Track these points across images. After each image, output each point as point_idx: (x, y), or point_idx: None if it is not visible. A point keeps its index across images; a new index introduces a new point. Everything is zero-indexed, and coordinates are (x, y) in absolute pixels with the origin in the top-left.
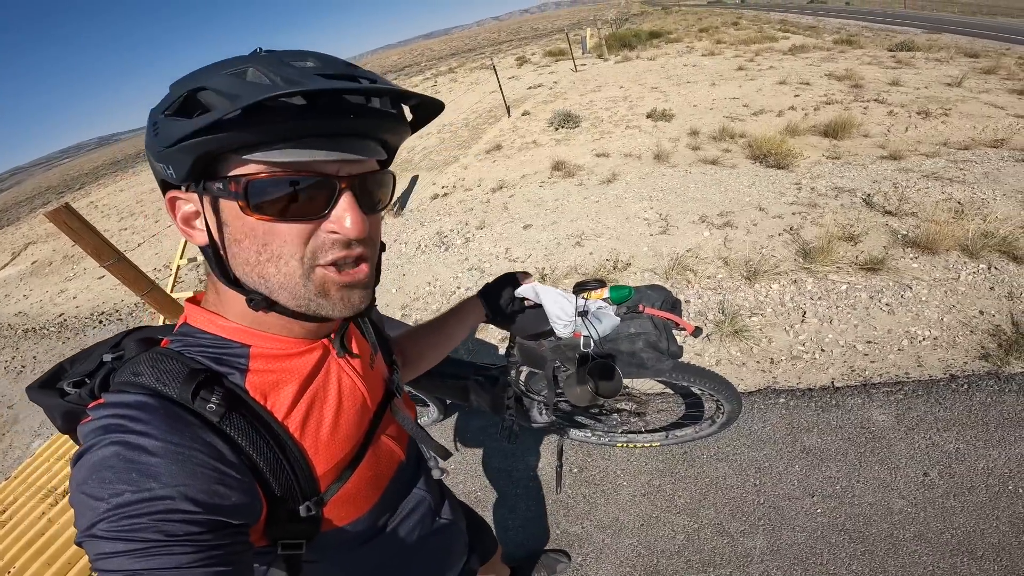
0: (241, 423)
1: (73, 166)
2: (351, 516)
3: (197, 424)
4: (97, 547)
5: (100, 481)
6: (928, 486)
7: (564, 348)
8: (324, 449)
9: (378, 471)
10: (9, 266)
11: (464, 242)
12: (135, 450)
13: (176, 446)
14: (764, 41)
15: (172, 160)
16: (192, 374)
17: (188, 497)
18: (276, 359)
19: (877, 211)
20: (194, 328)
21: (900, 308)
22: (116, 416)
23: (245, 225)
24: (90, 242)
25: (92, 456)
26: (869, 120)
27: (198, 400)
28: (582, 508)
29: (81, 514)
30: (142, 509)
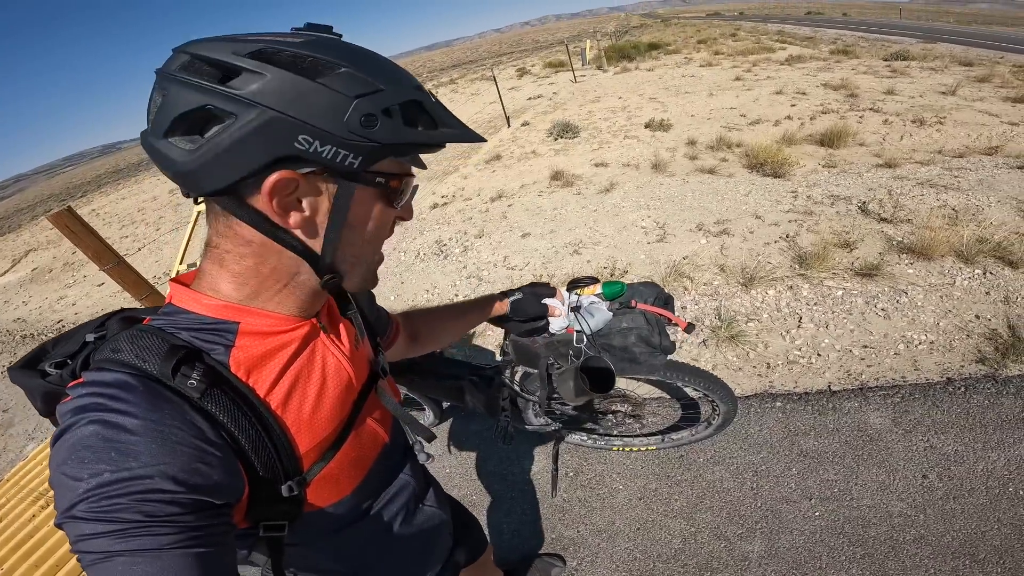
0: (223, 400)
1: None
2: (333, 497)
3: (177, 401)
4: (77, 528)
5: (79, 461)
6: (927, 488)
7: (557, 344)
8: (306, 427)
9: (361, 452)
10: (9, 273)
11: (463, 251)
12: (114, 428)
13: (156, 424)
14: (761, 52)
15: (365, 153)
16: (172, 350)
17: (169, 476)
18: (263, 336)
19: (872, 218)
20: (178, 308)
21: (896, 313)
22: (95, 395)
23: (366, 212)
24: (90, 245)
25: (71, 436)
26: (864, 129)
27: (178, 376)
28: (578, 512)
29: (61, 495)
30: (122, 489)
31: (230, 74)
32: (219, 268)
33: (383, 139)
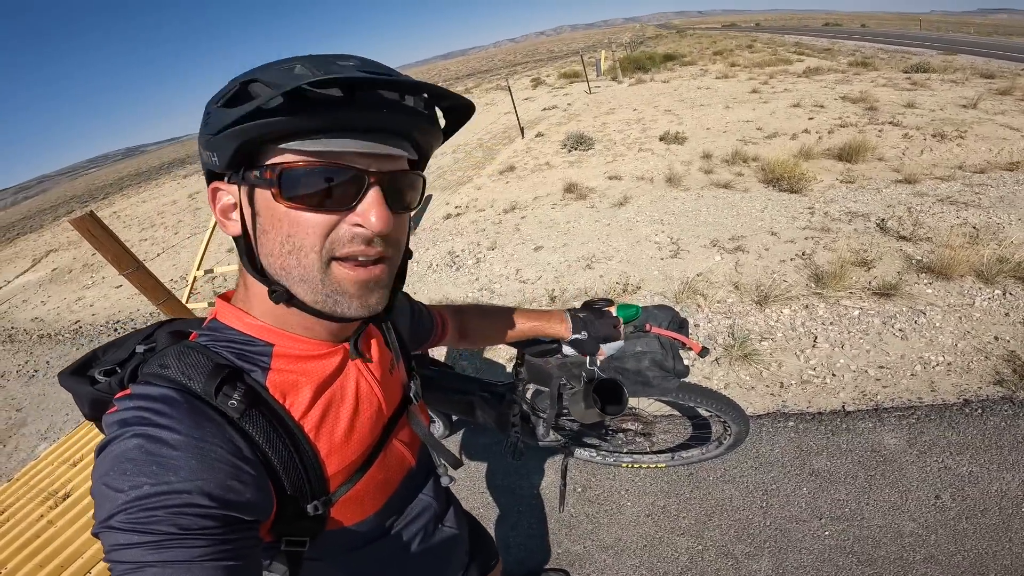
0: (260, 420)
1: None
2: (357, 517)
3: (218, 419)
4: (113, 538)
5: (121, 473)
6: (940, 508)
7: (570, 365)
8: (337, 451)
9: (388, 475)
10: (29, 272)
11: (475, 262)
12: (157, 443)
13: (197, 441)
14: (778, 64)
15: (218, 147)
16: (216, 369)
17: (205, 492)
18: (297, 360)
19: (891, 236)
20: (222, 324)
21: (913, 334)
22: (140, 408)
23: (275, 214)
24: (111, 250)
25: (115, 447)
26: (884, 143)
27: (220, 395)
28: (585, 527)
29: (100, 505)
30: (160, 502)
31: None
32: (244, 284)
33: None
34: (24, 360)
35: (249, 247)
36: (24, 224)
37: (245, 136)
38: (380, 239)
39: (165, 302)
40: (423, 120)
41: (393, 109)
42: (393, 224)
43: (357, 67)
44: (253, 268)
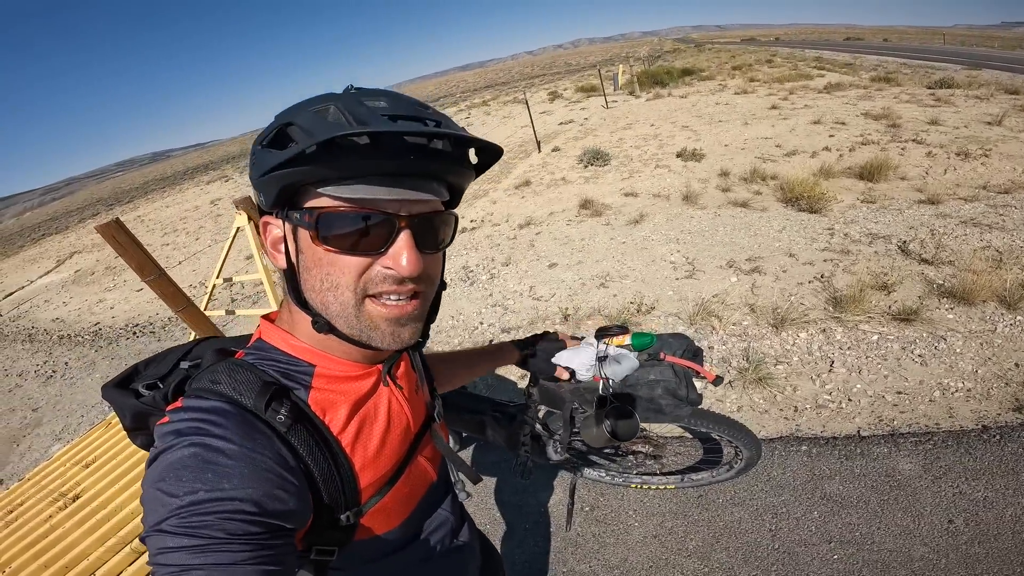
0: (304, 435)
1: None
2: (382, 528)
3: (267, 432)
4: (161, 541)
5: (177, 479)
6: (952, 533)
7: (583, 391)
8: (370, 464)
9: (412, 489)
10: (53, 272)
11: (489, 278)
12: (212, 452)
13: (249, 451)
14: (799, 79)
15: (263, 188)
16: (265, 386)
17: (254, 500)
18: (336, 380)
19: (913, 259)
20: (268, 344)
21: (933, 359)
22: (195, 420)
23: (315, 254)
24: (135, 257)
25: (170, 456)
26: (906, 162)
27: (269, 410)
28: (591, 547)
29: (152, 510)
30: (212, 508)
31: None
32: (289, 308)
33: (258, 171)
34: (43, 360)
35: (294, 280)
36: (50, 225)
37: (285, 180)
38: (411, 279)
39: (184, 309)
40: (452, 162)
41: (421, 154)
42: (424, 264)
43: (384, 110)
44: (297, 300)
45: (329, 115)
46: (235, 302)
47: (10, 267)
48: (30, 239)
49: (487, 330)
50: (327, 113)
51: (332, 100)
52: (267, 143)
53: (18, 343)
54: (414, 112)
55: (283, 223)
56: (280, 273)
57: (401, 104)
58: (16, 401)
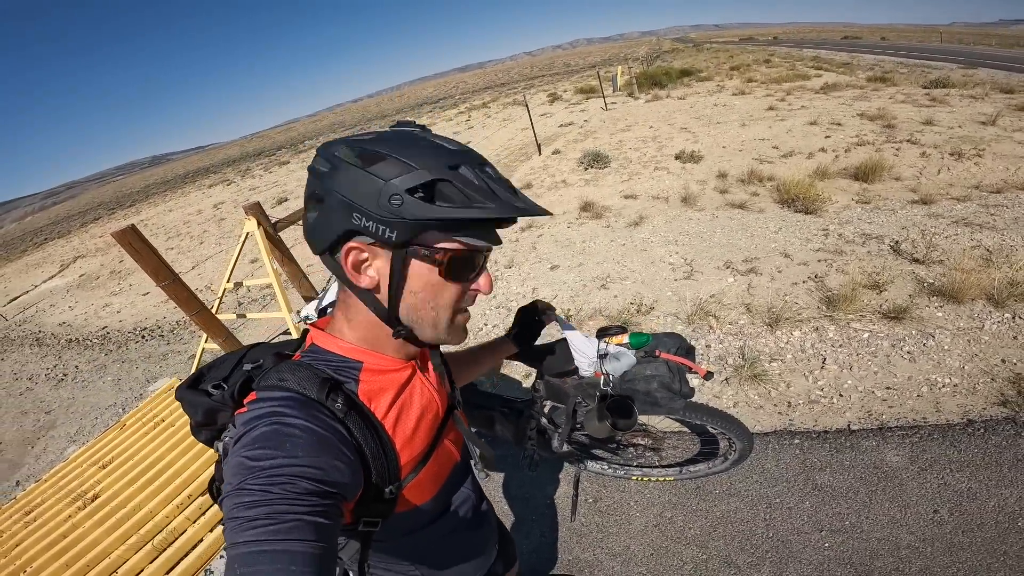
0: (356, 419)
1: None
2: (418, 501)
3: (329, 416)
4: (238, 498)
5: (261, 449)
6: (937, 523)
7: (586, 386)
8: (408, 445)
9: (440, 467)
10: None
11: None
12: (288, 427)
13: (317, 429)
14: (796, 79)
15: (399, 228)
16: (323, 382)
17: (318, 467)
18: (380, 373)
19: (904, 259)
20: (320, 347)
21: (922, 356)
22: (271, 406)
23: (430, 282)
24: (150, 262)
25: (254, 432)
26: (901, 162)
27: (329, 400)
28: (594, 536)
29: (235, 474)
30: (286, 471)
31: (328, 166)
32: (342, 315)
33: (410, 215)
34: (53, 364)
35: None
36: (52, 229)
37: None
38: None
39: (198, 313)
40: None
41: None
42: None
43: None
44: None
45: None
46: (241, 306)
47: (13, 272)
48: (32, 243)
49: (491, 331)
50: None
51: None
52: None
53: (26, 347)
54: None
55: (389, 252)
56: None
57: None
58: (28, 404)
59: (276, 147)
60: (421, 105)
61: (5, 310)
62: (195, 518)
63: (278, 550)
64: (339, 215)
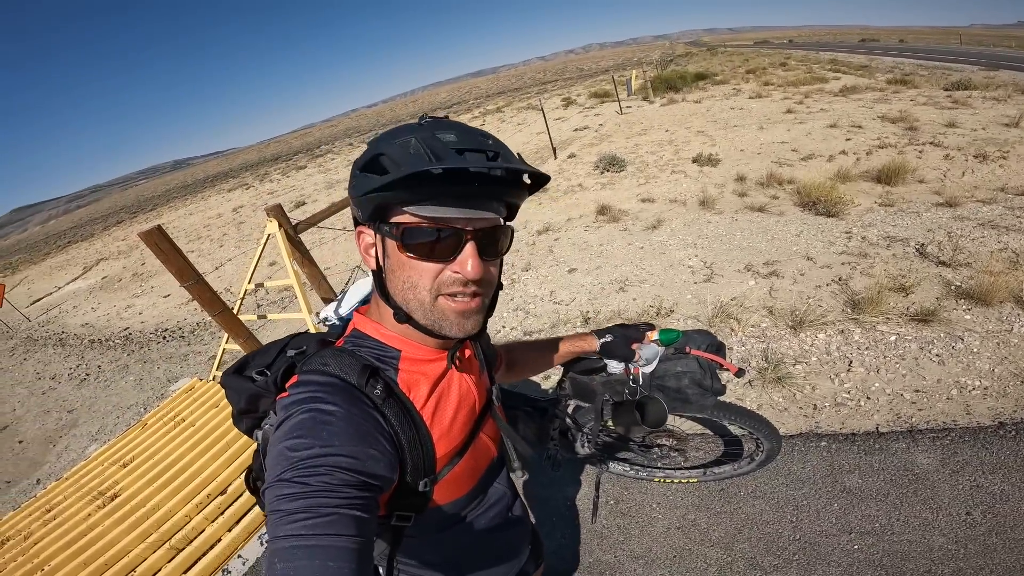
0: (394, 407)
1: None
2: (451, 497)
3: (367, 403)
4: (279, 489)
5: (299, 437)
6: (970, 524)
7: (614, 383)
8: (445, 436)
9: (476, 462)
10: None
11: (510, 283)
12: (326, 415)
13: (354, 416)
14: (814, 82)
15: (361, 205)
16: (364, 368)
17: (355, 456)
18: (418, 362)
19: (931, 261)
20: (362, 333)
21: (951, 359)
22: (311, 391)
23: (399, 260)
24: (175, 263)
25: (293, 420)
26: (924, 164)
27: (368, 386)
28: (616, 538)
29: (277, 463)
30: (323, 461)
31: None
32: (378, 303)
33: (359, 192)
34: (75, 364)
35: (382, 279)
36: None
37: (377, 201)
38: (473, 281)
39: (220, 313)
40: (508, 186)
41: (483, 181)
42: (484, 270)
43: (455, 144)
44: (384, 295)
45: (411, 148)
46: (261, 307)
47: (37, 274)
48: (56, 246)
49: (509, 333)
50: (409, 146)
51: (412, 132)
52: (363, 168)
53: (49, 347)
54: (478, 144)
55: (375, 233)
56: (369, 273)
57: (468, 137)
58: (51, 403)
59: (293, 152)
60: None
61: (29, 311)
62: (213, 518)
63: (316, 545)
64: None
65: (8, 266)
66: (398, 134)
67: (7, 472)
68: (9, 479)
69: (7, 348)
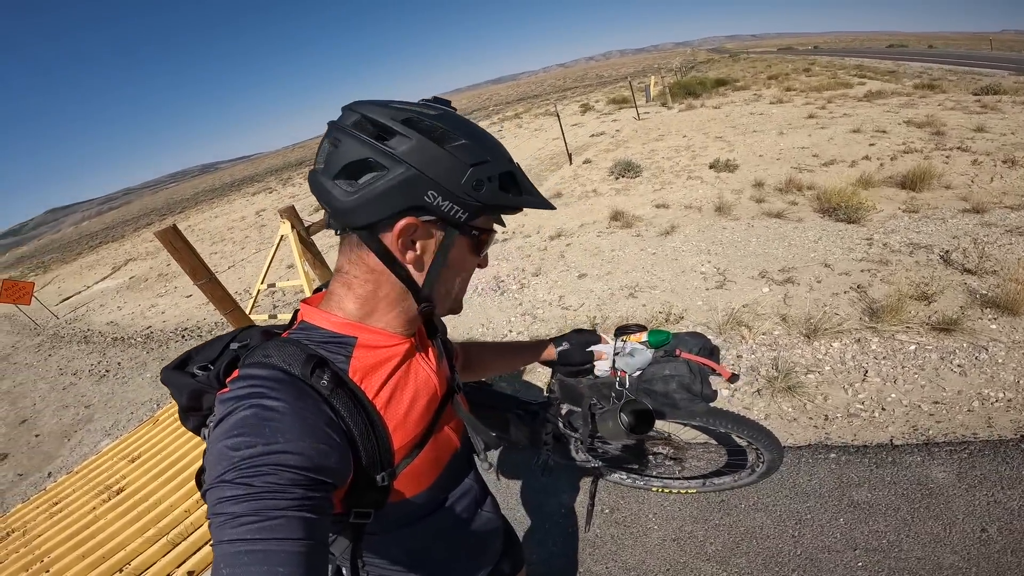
0: (344, 398)
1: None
2: (413, 491)
3: (314, 395)
4: (221, 492)
5: (239, 435)
6: (985, 542)
7: (601, 386)
8: (401, 427)
9: (438, 454)
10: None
11: (519, 287)
12: (268, 411)
13: (300, 409)
14: (838, 87)
15: (471, 209)
16: (309, 358)
17: (302, 453)
18: (374, 349)
19: (955, 269)
20: (310, 324)
21: (973, 370)
22: (252, 386)
23: (466, 259)
24: (188, 261)
25: (233, 417)
26: (951, 170)
27: (314, 376)
28: (609, 548)
29: (216, 464)
30: (267, 460)
31: (386, 134)
32: (346, 290)
33: (486, 200)
34: (97, 360)
35: (410, 273)
36: (107, 233)
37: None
38: None
39: (232, 312)
40: None
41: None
42: None
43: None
44: (415, 289)
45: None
46: (276, 308)
47: (68, 273)
48: (87, 246)
49: (516, 338)
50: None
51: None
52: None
53: (74, 344)
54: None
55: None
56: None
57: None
58: (70, 398)
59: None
60: None
61: (57, 309)
62: None
63: (264, 550)
64: (408, 189)
65: (40, 265)
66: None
67: (21, 465)
68: (22, 472)
69: (34, 344)
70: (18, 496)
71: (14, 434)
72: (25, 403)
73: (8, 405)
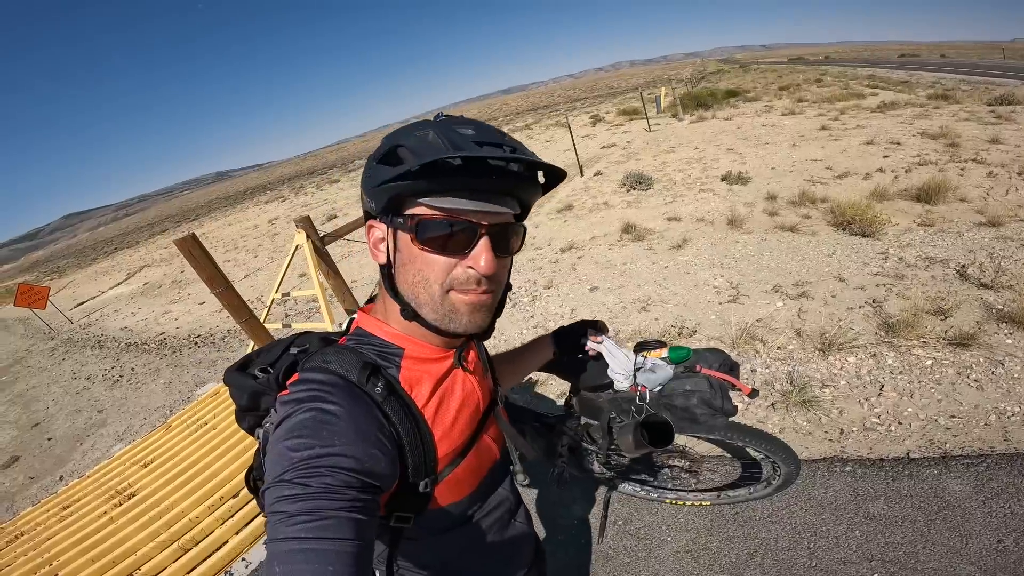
0: (396, 405)
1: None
2: (453, 498)
3: (368, 401)
4: (279, 491)
5: (299, 437)
6: (1002, 552)
7: (621, 401)
8: (446, 436)
9: (479, 463)
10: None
11: (531, 300)
12: (327, 414)
13: (356, 414)
14: (850, 98)
15: (375, 197)
16: (365, 365)
17: (356, 457)
18: (421, 361)
19: (971, 283)
20: (365, 331)
21: (990, 384)
22: (312, 390)
23: (411, 253)
24: (206, 270)
25: (293, 419)
26: (966, 182)
27: (369, 383)
28: (622, 560)
29: (276, 464)
30: (323, 462)
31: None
32: (384, 301)
33: (375, 182)
34: (110, 365)
35: (390, 274)
36: (122, 239)
37: (393, 192)
38: (486, 278)
39: (247, 321)
40: (524, 181)
41: (500, 175)
42: (498, 266)
43: (473, 137)
44: (392, 291)
45: (429, 139)
46: (289, 317)
47: (83, 278)
48: (103, 252)
49: None
50: (427, 137)
51: (430, 127)
52: (380, 160)
53: (87, 349)
54: (496, 139)
55: (387, 227)
56: (379, 268)
57: (486, 132)
58: (83, 403)
59: (328, 166)
60: None
61: (72, 314)
62: (224, 519)
63: (316, 548)
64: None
65: (56, 270)
66: (416, 128)
67: (33, 468)
68: (34, 475)
69: (48, 348)
70: (29, 499)
71: (26, 437)
72: (38, 406)
73: (21, 408)
